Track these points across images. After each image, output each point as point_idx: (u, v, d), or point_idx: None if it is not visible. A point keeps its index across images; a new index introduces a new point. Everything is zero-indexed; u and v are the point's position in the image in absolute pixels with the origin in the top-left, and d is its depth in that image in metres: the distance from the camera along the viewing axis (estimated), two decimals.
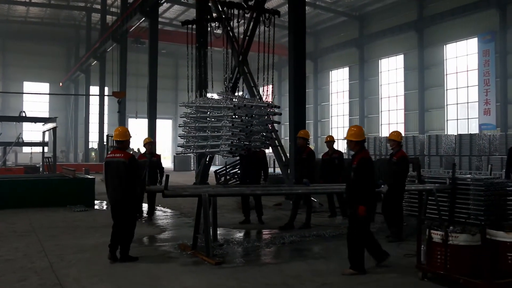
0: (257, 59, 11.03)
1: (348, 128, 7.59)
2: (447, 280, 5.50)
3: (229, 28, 13.88)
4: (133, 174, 6.82)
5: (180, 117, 9.72)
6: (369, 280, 5.84)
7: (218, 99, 9.00)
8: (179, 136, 9.31)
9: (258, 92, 14.15)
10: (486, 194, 9.34)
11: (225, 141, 7.95)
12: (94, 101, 39.82)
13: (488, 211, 9.27)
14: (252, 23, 13.90)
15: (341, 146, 34.36)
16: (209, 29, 12.53)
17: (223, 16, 12.67)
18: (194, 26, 11.59)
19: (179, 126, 9.64)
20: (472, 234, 5.48)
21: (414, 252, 6.16)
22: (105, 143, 29.25)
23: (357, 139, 6.42)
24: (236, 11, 12.40)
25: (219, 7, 13.50)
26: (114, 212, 6.94)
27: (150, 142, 11.64)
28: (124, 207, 6.84)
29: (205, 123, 8.55)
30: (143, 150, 11.30)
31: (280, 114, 9.06)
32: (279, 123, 9.77)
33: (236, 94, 9.87)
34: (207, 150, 8.46)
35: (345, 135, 7.46)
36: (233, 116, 7.82)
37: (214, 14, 14.15)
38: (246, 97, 9.51)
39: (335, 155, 11.45)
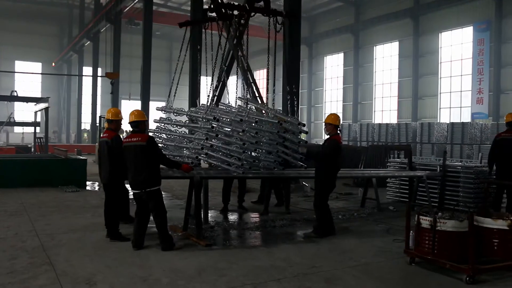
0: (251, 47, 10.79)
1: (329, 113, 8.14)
2: (434, 265, 5.58)
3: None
4: (113, 153, 6.92)
5: (154, 121, 8.74)
6: (358, 264, 5.91)
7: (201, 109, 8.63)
8: None
9: (253, 78, 13.80)
10: (476, 182, 9.48)
11: (192, 153, 7.88)
12: (87, 82, 39.50)
13: (477, 198, 9.41)
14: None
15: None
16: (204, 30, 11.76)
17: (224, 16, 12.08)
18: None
19: (149, 132, 8.51)
20: (460, 220, 5.56)
21: (403, 238, 6.24)
22: (97, 124, 29.13)
23: (335, 124, 7.54)
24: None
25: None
26: (104, 191, 7.19)
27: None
28: (108, 186, 7.05)
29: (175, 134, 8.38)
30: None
31: (306, 132, 8.18)
32: (306, 142, 8.39)
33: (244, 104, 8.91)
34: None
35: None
36: (212, 129, 7.54)
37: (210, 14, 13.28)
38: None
39: None
